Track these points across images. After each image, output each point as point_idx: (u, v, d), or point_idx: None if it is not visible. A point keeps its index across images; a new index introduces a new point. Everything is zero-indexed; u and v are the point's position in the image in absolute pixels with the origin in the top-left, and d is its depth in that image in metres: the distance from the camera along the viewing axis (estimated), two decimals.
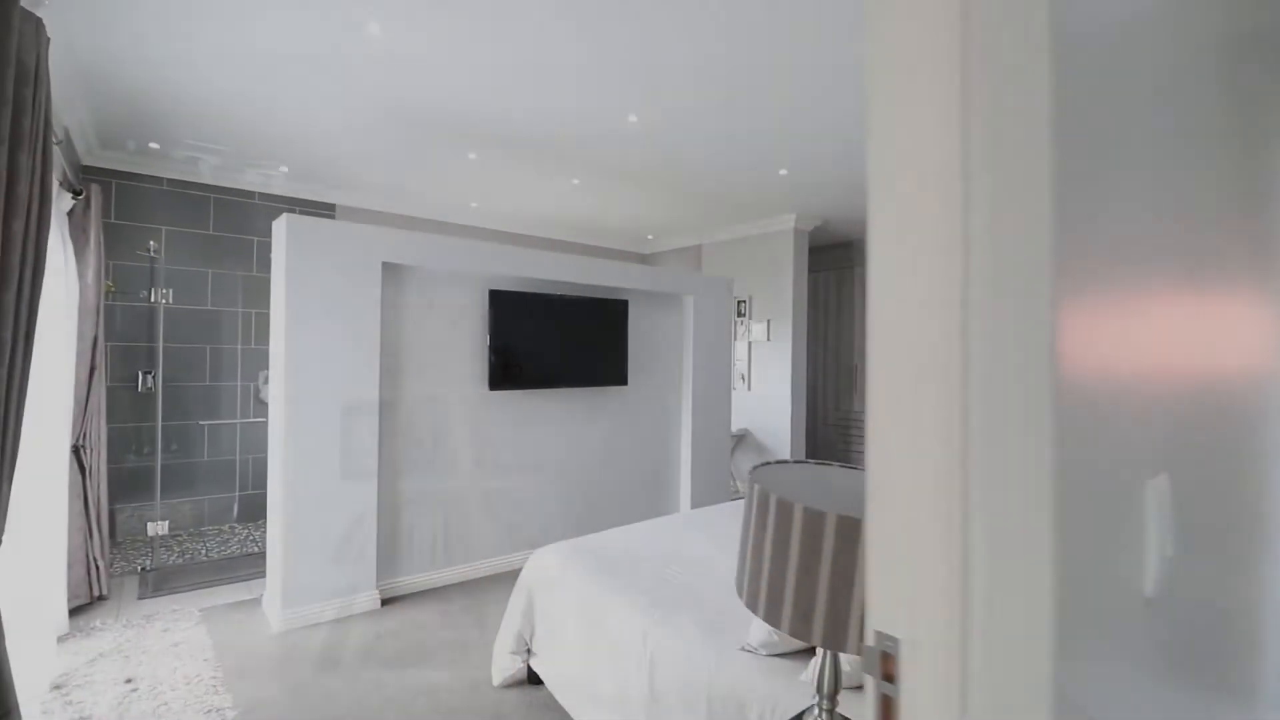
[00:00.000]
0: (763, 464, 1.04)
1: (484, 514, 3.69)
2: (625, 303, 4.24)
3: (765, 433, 5.88)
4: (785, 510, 0.84)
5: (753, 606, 0.98)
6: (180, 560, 3.79)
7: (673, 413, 4.70)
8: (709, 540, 2.57)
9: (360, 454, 3.10)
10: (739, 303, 6.10)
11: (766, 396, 5.90)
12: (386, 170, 4.49)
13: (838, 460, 6.91)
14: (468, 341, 3.62)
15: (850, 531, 0.79)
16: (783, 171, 4.33)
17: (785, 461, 1.08)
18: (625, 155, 4.04)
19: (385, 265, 3.24)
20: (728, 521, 2.89)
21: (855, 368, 6.74)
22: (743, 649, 1.63)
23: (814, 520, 0.81)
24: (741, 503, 3.45)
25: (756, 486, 0.90)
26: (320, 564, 3.00)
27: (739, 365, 6.10)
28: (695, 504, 4.68)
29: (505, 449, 3.78)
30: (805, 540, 0.81)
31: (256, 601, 3.21)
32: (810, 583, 0.80)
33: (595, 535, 2.66)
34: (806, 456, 6.40)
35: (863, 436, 7.12)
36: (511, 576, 3.59)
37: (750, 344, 6.04)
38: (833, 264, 6.95)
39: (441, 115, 3.43)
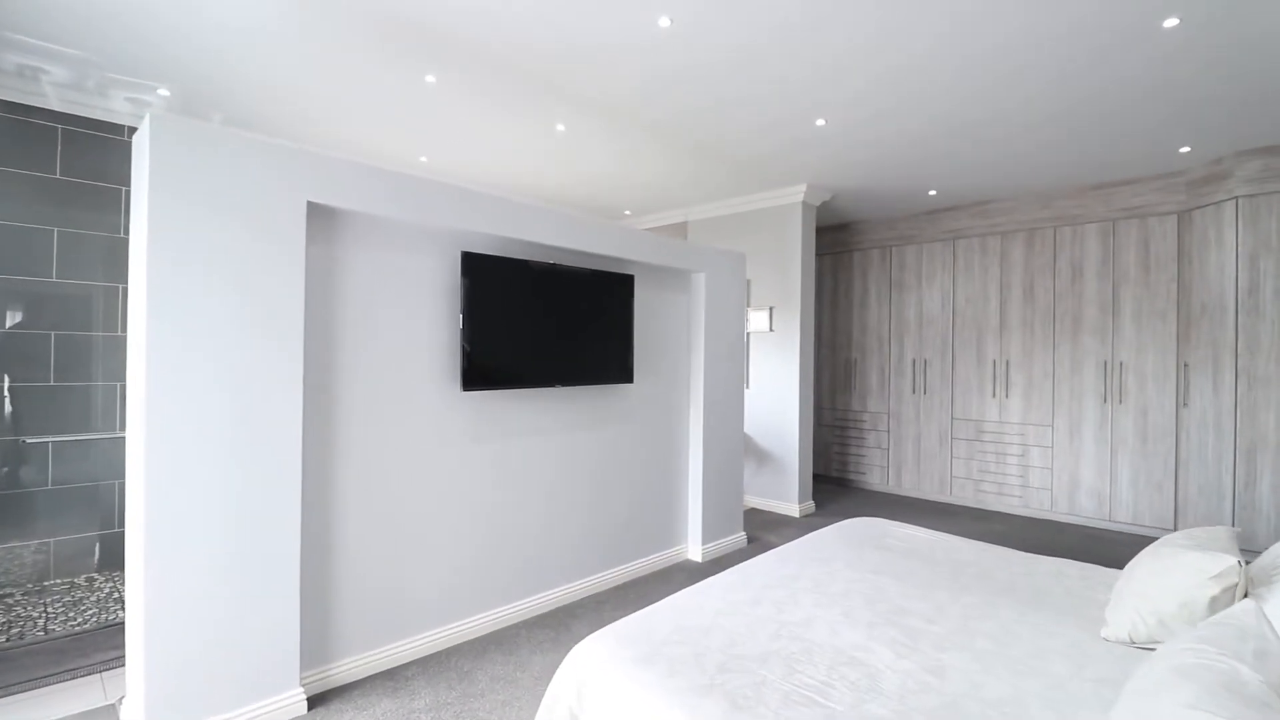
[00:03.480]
0: None
1: (453, 560, 2.70)
2: (631, 277, 3.34)
3: (768, 437, 5.10)
4: None
5: None
6: (3, 639, 2.61)
7: (679, 417, 3.84)
8: (829, 609, 1.72)
9: (273, 483, 2.07)
10: None
11: (768, 395, 5.13)
12: (308, 97, 3.40)
13: (835, 465, 6.22)
14: (433, 325, 2.63)
15: None
16: (820, 122, 3.55)
17: None
18: (634, 83, 3.14)
19: (312, 207, 2.22)
20: (825, 573, 2.05)
21: (853, 361, 6.07)
22: None
23: None
24: (821, 534, 2.63)
25: None
26: (209, 651, 1.95)
27: None
28: (707, 527, 3.83)
29: (483, 470, 2.80)
30: None
31: (113, 711, 2.11)
32: None
33: (659, 607, 1.75)
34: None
35: (862, 438, 6.49)
36: (491, 641, 2.60)
37: (750, 335, 5.25)
38: (829, 247, 6.26)
39: (391, 8, 2.43)
